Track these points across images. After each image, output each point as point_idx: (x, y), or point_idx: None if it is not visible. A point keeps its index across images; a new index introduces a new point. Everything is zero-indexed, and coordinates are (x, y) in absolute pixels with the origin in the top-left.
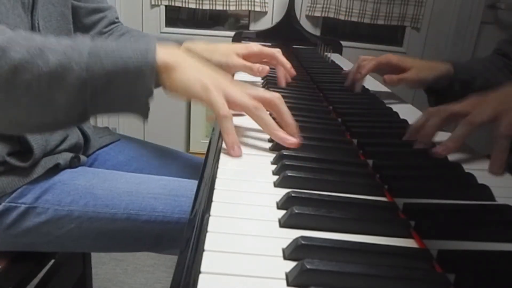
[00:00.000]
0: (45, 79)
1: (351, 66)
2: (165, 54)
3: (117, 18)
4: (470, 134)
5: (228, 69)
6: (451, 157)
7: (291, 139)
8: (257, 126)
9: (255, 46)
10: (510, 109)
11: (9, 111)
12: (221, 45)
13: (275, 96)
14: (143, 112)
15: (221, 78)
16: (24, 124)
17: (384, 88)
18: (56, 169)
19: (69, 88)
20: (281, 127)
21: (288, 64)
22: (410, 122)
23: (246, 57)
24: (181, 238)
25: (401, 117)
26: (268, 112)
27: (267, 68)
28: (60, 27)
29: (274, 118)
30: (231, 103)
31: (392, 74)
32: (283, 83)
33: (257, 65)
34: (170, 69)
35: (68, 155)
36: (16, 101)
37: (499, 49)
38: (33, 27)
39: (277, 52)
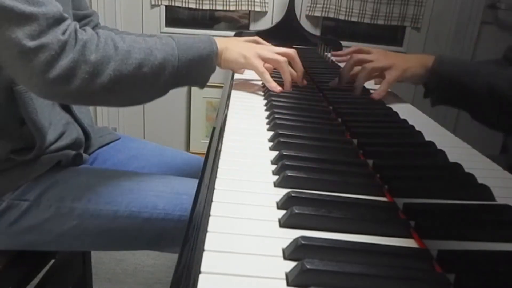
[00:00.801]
0: (155, 70)
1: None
2: (220, 42)
3: (98, 22)
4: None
5: (245, 67)
6: (451, 157)
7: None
8: (256, 127)
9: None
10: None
11: (132, 94)
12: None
13: (293, 51)
14: (204, 83)
15: (255, 47)
16: (137, 101)
17: None
18: (58, 167)
19: (167, 74)
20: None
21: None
22: (410, 122)
23: (266, 60)
24: (182, 237)
25: (401, 117)
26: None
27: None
28: None
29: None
30: (266, 61)
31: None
32: (286, 88)
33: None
34: (224, 51)
35: (70, 153)
36: (139, 87)
37: (505, 55)
38: None
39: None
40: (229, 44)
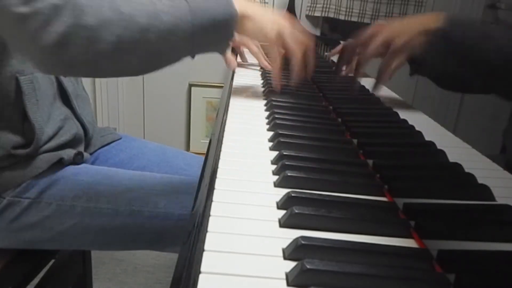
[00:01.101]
0: (163, 36)
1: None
2: (241, 6)
3: None
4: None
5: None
6: (451, 157)
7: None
8: (256, 127)
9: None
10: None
11: (138, 63)
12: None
13: (311, 43)
14: (224, 49)
15: (281, 25)
16: (144, 70)
17: (384, 89)
18: (59, 164)
19: (178, 41)
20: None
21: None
22: (410, 122)
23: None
24: (182, 236)
25: (401, 117)
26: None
27: (270, 68)
28: None
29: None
30: (285, 45)
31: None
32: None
33: (266, 63)
34: (245, 18)
35: (71, 151)
36: (145, 55)
37: None
38: None
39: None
40: (253, 10)
